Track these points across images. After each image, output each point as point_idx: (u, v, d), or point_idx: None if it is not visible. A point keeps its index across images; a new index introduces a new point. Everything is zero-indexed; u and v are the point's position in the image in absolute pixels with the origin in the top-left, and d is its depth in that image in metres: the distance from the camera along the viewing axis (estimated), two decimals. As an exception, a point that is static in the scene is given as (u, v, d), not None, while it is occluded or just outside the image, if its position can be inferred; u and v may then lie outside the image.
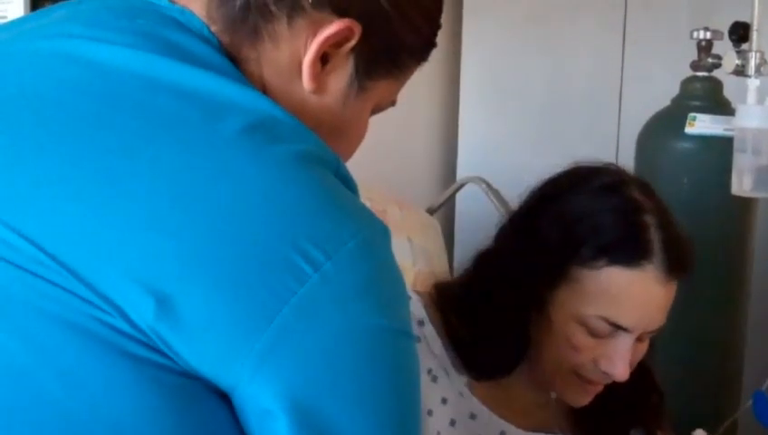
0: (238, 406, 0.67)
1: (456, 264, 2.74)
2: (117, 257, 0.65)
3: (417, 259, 2.07)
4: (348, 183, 0.73)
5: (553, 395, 1.16)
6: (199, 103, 0.69)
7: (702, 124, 1.89)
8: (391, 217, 2.05)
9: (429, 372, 1.12)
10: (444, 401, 1.12)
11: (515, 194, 2.41)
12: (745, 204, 1.90)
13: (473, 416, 1.14)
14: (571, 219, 1.09)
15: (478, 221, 2.66)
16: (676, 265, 1.09)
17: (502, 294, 1.10)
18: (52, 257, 0.64)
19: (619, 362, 1.09)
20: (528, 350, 1.11)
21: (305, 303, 0.65)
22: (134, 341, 0.65)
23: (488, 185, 2.31)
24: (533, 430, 1.16)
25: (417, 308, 1.13)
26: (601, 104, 2.79)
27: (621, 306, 1.07)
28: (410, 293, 1.14)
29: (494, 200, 2.29)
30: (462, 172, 2.76)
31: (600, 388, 1.13)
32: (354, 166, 0.77)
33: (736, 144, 1.71)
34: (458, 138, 2.93)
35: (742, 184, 1.75)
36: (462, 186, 2.42)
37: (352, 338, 0.66)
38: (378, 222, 0.71)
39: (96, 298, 0.64)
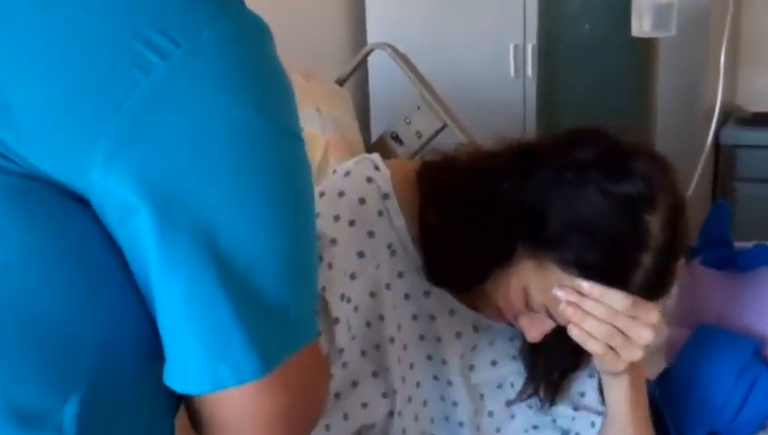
0: (98, 208, 0.65)
1: (372, 133, 2.76)
2: None
3: (327, 127, 2.06)
4: None
5: None
6: None
7: (600, -31, 1.88)
8: (297, 86, 2.02)
9: (389, 246, 1.11)
10: (400, 274, 1.13)
11: (425, 59, 2.44)
12: (646, 44, 1.92)
13: (427, 293, 1.15)
14: (576, 221, 1.00)
15: (391, 92, 2.66)
16: (645, 298, 1.03)
17: (486, 222, 1.05)
18: None
19: (537, 331, 1.08)
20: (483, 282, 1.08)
21: (153, 92, 0.62)
22: None
23: (395, 50, 2.29)
24: (478, 311, 1.16)
25: (383, 182, 1.11)
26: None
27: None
28: (379, 165, 1.12)
29: (403, 65, 2.27)
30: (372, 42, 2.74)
31: None
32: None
33: (634, -15, 1.72)
34: (365, 6, 2.89)
35: (641, 25, 1.76)
36: (369, 53, 2.39)
37: (213, 128, 0.64)
38: (251, 15, 0.68)
39: None
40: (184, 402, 0.74)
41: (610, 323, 1.02)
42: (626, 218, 1.00)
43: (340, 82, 2.39)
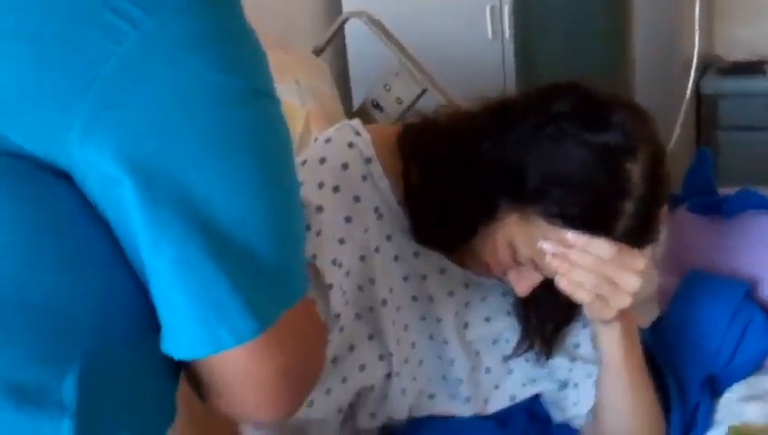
0: (81, 182, 0.65)
1: (353, 101, 2.75)
2: None
3: (306, 99, 2.05)
4: None
5: None
6: None
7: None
8: (275, 59, 2.01)
9: (376, 209, 1.11)
10: (388, 237, 1.13)
11: (402, 25, 2.43)
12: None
13: (416, 254, 1.15)
14: (557, 173, 1.00)
15: (370, 59, 2.65)
16: (630, 245, 1.03)
17: (468, 180, 1.06)
18: None
19: (525, 285, 1.09)
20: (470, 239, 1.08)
21: (126, 62, 0.62)
22: None
23: (370, 18, 2.28)
24: (469, 270, 1.16)
25: (365, 146, 1.11)
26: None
27: None
28: (360, 131, 1.12)
29: (379, 33, 2.26)
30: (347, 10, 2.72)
31: None
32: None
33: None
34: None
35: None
36: (344, 22, 2.38)
37: (189, 94, 0.63)
38: None
39: None
40: (184, 368, 0.74)
41: (597, 271, 1.02)
42: (606, 168, 1.01)
43: (317, 53, 2.38)
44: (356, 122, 1.15)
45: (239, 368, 0.70)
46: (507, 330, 1.22)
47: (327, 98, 2.19)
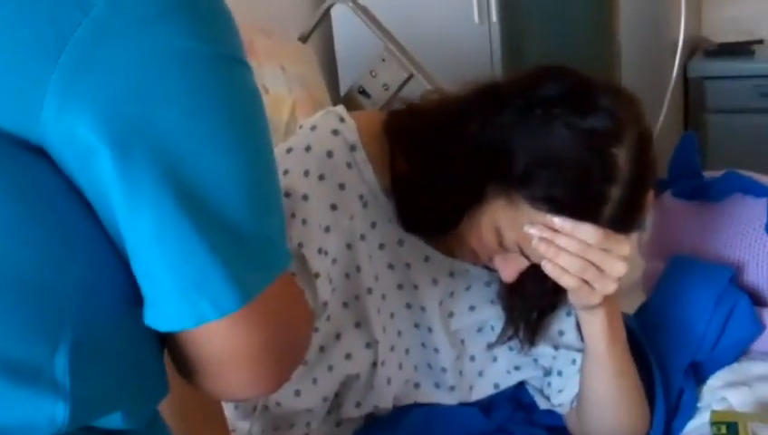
0: (56, 156, 0.65)
1: (342, 88, 2.74)
2: None
3: (293, 86, 2.04)
4: None
5: None
6: None
7: None
8: (260, 46, 2.00)
9: (361, 197, 1.11)
10: (373, 225, 1.13)
11: (388, 10, 2.42)
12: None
13: (401, 242, 1.15)
14: (544, 157, 1.00)
15: (356, 46, 2.64)
16: (616, 231, 1.04)
17: (455, 164, 1.06)
18: None
19: (511, 270, 1.09)
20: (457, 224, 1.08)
21: (94, 30, 0.62)
22: None
23: (356, 4, 2.27)
24: (454, 257, 1.16)
25: (349, 133, 1.10)
26: None
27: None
28: (345, 117, 1.11)
29: (364, 18, 2.25)
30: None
31: None
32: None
33: None
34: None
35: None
36: (329, 8, 2.37)
37: (161, 62, 0.64)
38: None
39: None
40: (166, 345, 0.74)
41: (583, 256, 1.02)
42: (593, 152, 1.01)
43: (304, 39, 2.37)
44: (341, 108, 1.14)
45: (221, 341, 0.69)
46: (492, 318, 1.22)
47: (314, 85, 2.18)
